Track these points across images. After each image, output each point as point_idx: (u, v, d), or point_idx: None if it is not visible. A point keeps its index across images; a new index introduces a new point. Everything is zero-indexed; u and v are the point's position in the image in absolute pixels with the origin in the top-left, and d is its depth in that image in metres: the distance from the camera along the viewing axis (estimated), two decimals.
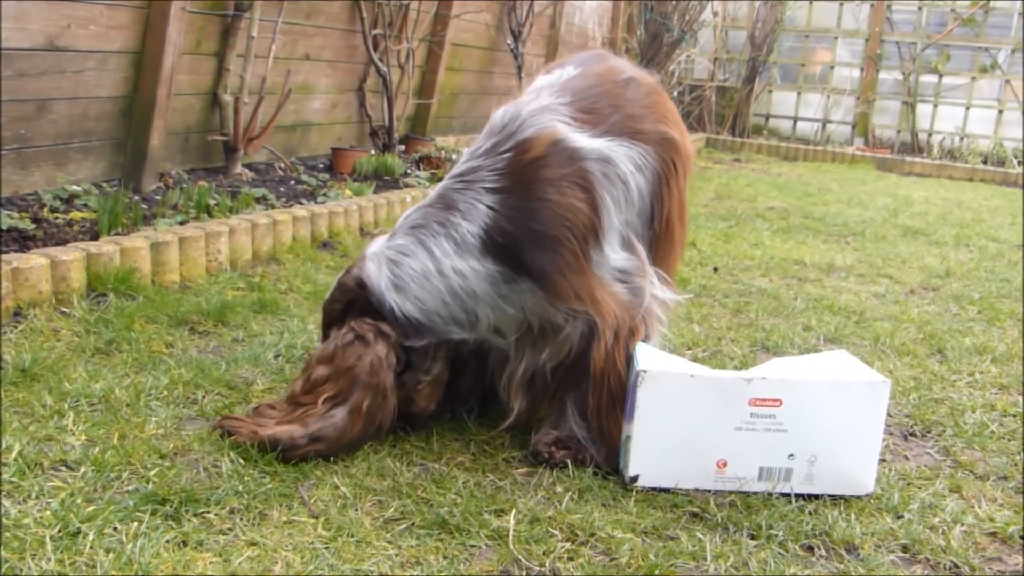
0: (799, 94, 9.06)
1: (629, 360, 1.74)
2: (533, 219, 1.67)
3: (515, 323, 1.76)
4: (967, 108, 8.46)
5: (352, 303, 1.74)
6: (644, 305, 1.76)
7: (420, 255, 1.70)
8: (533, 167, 1.68)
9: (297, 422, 1.67)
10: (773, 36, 8.57)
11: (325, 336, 1.80)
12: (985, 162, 8.14)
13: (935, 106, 8.58)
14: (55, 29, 3.04)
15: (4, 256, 2.35)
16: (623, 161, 1.75)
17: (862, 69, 8.80)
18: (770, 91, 9.10)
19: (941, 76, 8.50)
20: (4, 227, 2.69)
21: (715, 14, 8.85)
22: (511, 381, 1.83)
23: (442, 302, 1.70)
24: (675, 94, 8.37)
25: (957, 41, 8.43)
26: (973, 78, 8.39)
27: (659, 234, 1.86)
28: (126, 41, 3.34)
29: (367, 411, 1.68)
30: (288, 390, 1.79)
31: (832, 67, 8.92)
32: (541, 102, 1.76)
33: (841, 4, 8.81)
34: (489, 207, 1.68)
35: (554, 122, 1.72)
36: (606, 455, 1.76)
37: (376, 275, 1.72)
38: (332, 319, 1.78)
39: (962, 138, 8.47)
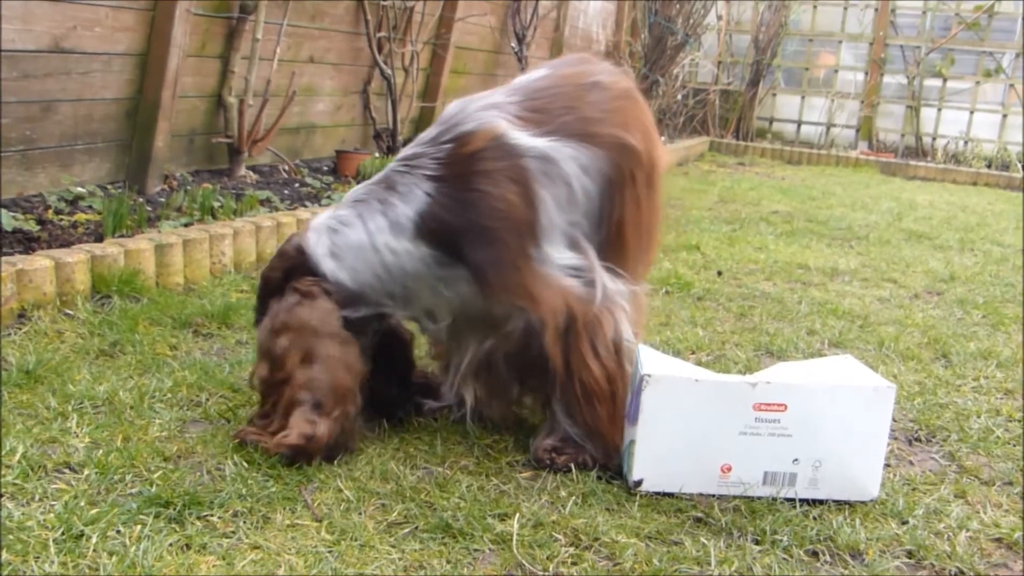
0: (803, 98, 9.05)
1: (600, 352, 1.75)
2: (467, 210, 1.70)
3: (450, 307, 1.79)
4: (971, 112, 8.44)
5: (292, 269, 1.76)
6: (601, 297, 1.76)
7: (357, 228, 1.73)
8: (470, 160, 1.71)
9: (295, 415, 1.67)
10: (777, 40, 8.56)
11: (262, 305, 1.80)
12: (989, 166, 8.12)
13: (939, 110, 8.57)
14: (61, 31, 3.04)
15: (9, 258, 2.36)
16: (566, 162, 1.75)
17: (866, 73, 8.79)
18: (774, 95, 9.10)
19: (945, 80, 8.49)
20: (9, 228, 2.69)
21: (719, 17, 8.84)
22: (458, 371, 1.85)
23: (375, 275, 1.73)
24: (679, 97, 8.37)
25: (961, 45, 8.42)
26: (977, 82, 8.38)
27: (610, 239, 1.83)
28: (131, 43, 3.34)
29: (341, 358, 1.70)
30: (257, 380, 1.76)
31: (836, 71, 8.92)
32: (491, 99, 1.79)
33: (845, 8, 8.80)
34: (426, 193, 1.71)
35: (497, 118, 1.73)
36: (603, 451, 1.77)
37: (315, 242, 1.75)
38: (271, 287, 1.78)
39: (966, 142, 8.46)
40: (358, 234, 1.73)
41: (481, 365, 1.83)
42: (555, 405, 1.79)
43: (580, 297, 1.74)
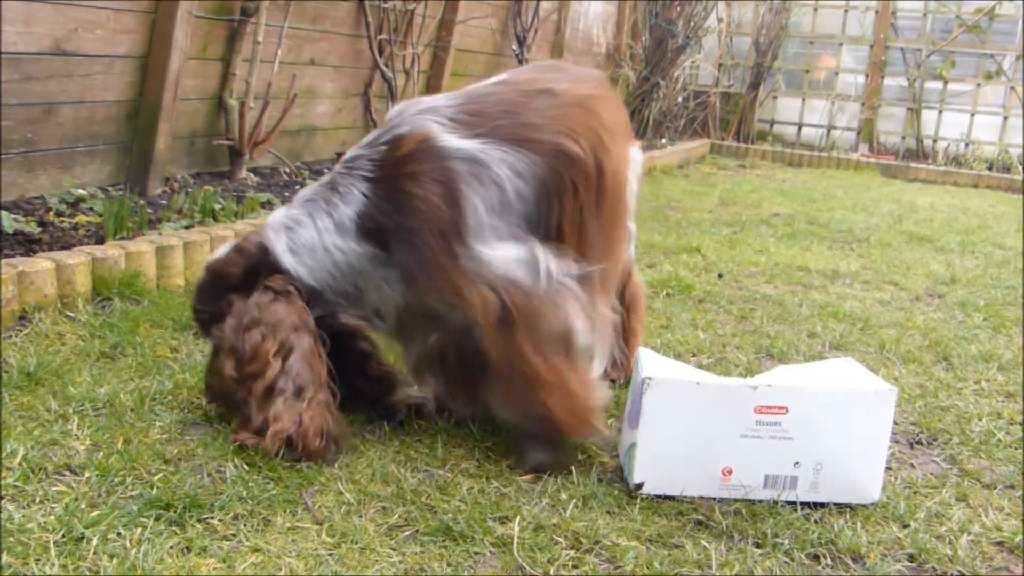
0: (804, 100, 9.05)
1: (543, 345, 1.74)
2: (395, 211, 1.75)
3: (395, 305, 1.82)
4: (972, 115, 8.44)
5: (254, 268, 1.79)
6: (544, 286, 1.75)
7: (309, 227, 1.79)
8: (400, 162, 1.76)
9: (278, 404, 1.69)
10: (778, 42, 8.56)
11: (212, 299, 1.82)
12: (990, 168, 8.12)
13: (940, 112, 8.56)
14: (62, 33, 3.04)
15: (10, 260, 2.36)
16: (497, 164, 1.75)
17: (867, 75, 8.79)
18: (775, 97, 9.10)
19: (946, 82, 8.48)
20: (10, 230, 2.69)
21: (720, 20, 8.84)
22: (413, 368, 1.89)
23: (329, 273, 1.78)
24: (680, 100, 8.37)
25: (962, 48, 8.42)
26: (978, 84, 8.38)
27: (548, 244, 1.82)
28: (132, 45, 3.34)
29: (316, 350, 1.75)
30: (220, 380, 1.78)
31: (837, 73, 8.92)
32: (431, 103, 1.83)
33: (846, 10, 8.80)
34: (363, 194, 1.77)
35: (428, 122, 1.77)
36: (554, 446, 1.78)
37: (275, 240, 1.80)
38: (230, 283, 1.80)
39: (967, 144, 8.46)
40: (310, 233, 1.79)
41: (433, 360, 1.85)
42: (490, 398, 1.81)
43: (518, 289, 1.73)
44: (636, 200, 2.11)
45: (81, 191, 3.24)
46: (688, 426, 1.67)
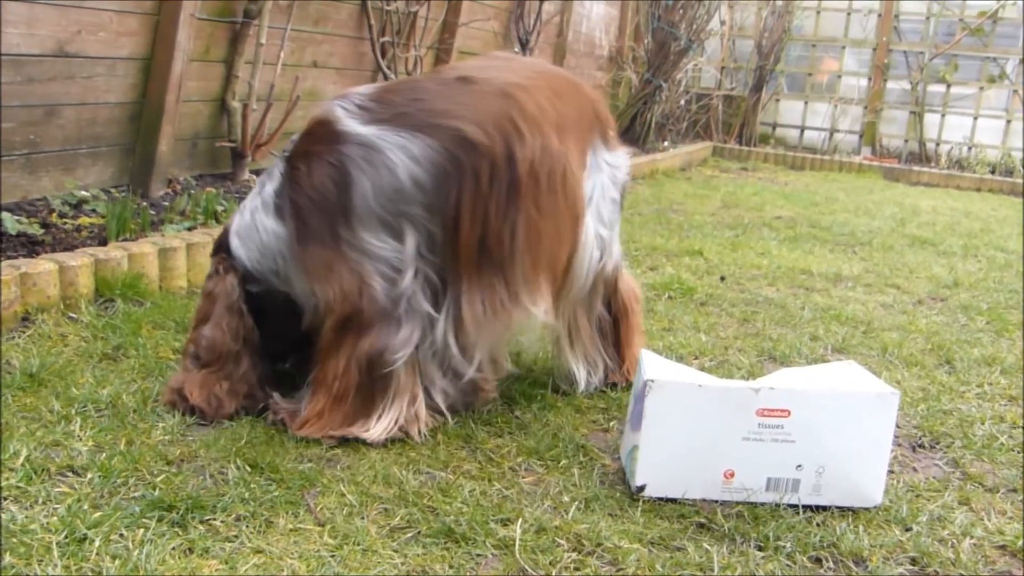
0: (806, 103, 9.05)
1: (352, 358, 1.78)
2: (291, 189, 1.83)
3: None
4: (975, 118, 8.44)
5: (217, 245, 1.97)
6: (384, 300, 1.78)
7: (247, 208, 1.92)
8: (303, 143, 1.85)
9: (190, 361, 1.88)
10: (780, 45, 8.56)
11: None
12: (993, 172, 8.11)
13: (943, 116, 8.56)
14: (65, 35, 3.05)
15: (13, 261, 2.36)
16: (392, 150, 1.77)
17: (869, 78, 8.79)
18: (777, 100, 9.10)
19: (949, 86, 8.48)
20: (13, 232, 2.70)
21: (722, 23, 8.85)
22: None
23: (259, 252, 1.89)
24: (682, 102, 8.37)
25: (965, 51, 8.42)
26: (981, 88, 8.37)
27: (446, 234, 1.80)
28: (135, 47, 3.35)
29: (228, 325, 1.87)
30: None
31: (839, 76, 8.91)
32: (350, 91, 1.90)
33: (849, 13, 8.80)
34: (281, 173, 1.87)
35: (336, 107, 1.84)
36: (300, 427, 1.82)
37: (231, 222, 1.94)
38: (212, 254, 1.99)
39: (970, 148, 8.45)
40: (247, 215, 1.91)
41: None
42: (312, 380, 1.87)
43: (370, 295, 1.78)
44: (616, 205, 2.08)
45: (84, 193, 3.24)
46: (690, 429, 1.67)
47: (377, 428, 1.81)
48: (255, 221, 1.87)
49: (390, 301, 1.79)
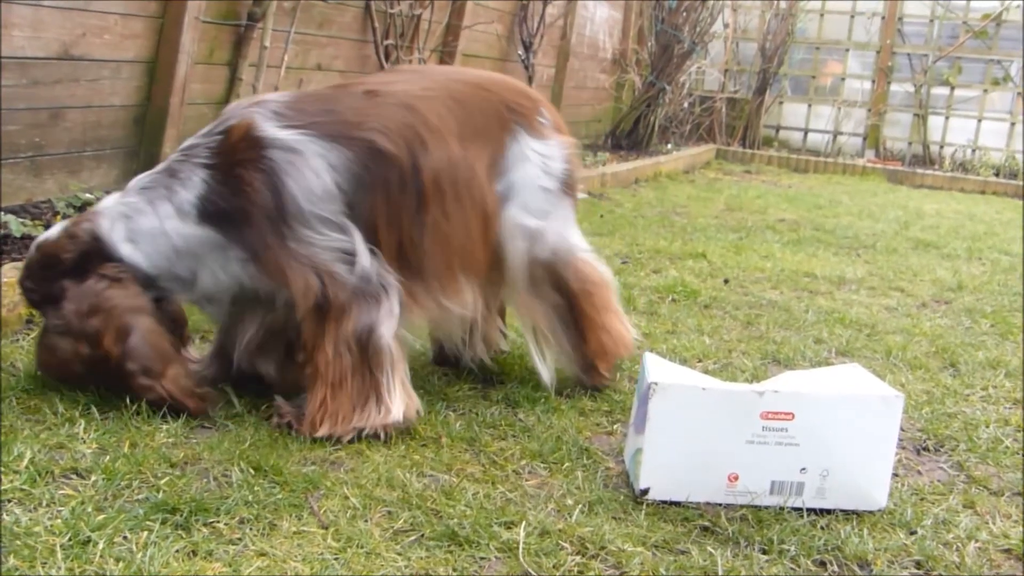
0: (810, 106, 9.05)
1: (339, 341, 1.81)
2: (232, 195, 1.84)
3: (228, 289, 1.90)
4: (979, 120, 8.43)
5: (86, 255, 1.85)
6: (356, 283, 1.83)
7: (149, 213, 1.86)
8: (231, 149, 1.85)
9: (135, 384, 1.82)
10: (784, 48, 8.56)
11: (45, 282, 1.88)
12: (997, 175, 8.10)
13: (947, 118, 8.55)
14: (70, 38, 3.06)
15: (17, 263, 2.36)
16: (313, 156, 1.84)
17: (873, 81, 8.78)
18: (781, 103, 9.10)
19: (953, 88, 8.48)
20: (18, 235, 2.70)
21: (726, 26, 8.85)
22: (241, 347, 1.97)
23: (167, 259, 1.87)
24: (685, 105, 8.37)
25: (969, 54, 8.41)
26: (985, 90, 8.37)
27: (369, 235, 1.89)
28: (140, 50, 3.36)
29: (155, 329, 1.85)
30: (57, 354, 1.86)
31: (843, 79, 8.91)
32: (261, 98, 1.94)
33: (852, 16, 8.80)
34: (203, 180, 1.86)
35: (252, 113, 1.87)
36: (307, 427, 1.83)
37: (109, 229, 1.86)
38: (61, 267, 1.86)
39: (974, 150, 8.45)
40: (150, 220, 1.86)
41: (264, 341, 1.96)
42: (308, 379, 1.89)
43: (336, 280, 1.82)
44: (550, 194, 2.06)
45: (88, 195, 3.24)
46: (694, 432, 1.67)
47: (397, 406, 1.86)
48: (164, 227, 1.85)
49: (359, 280, 1.84)
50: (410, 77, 2.10)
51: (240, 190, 1.83)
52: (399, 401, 1.87)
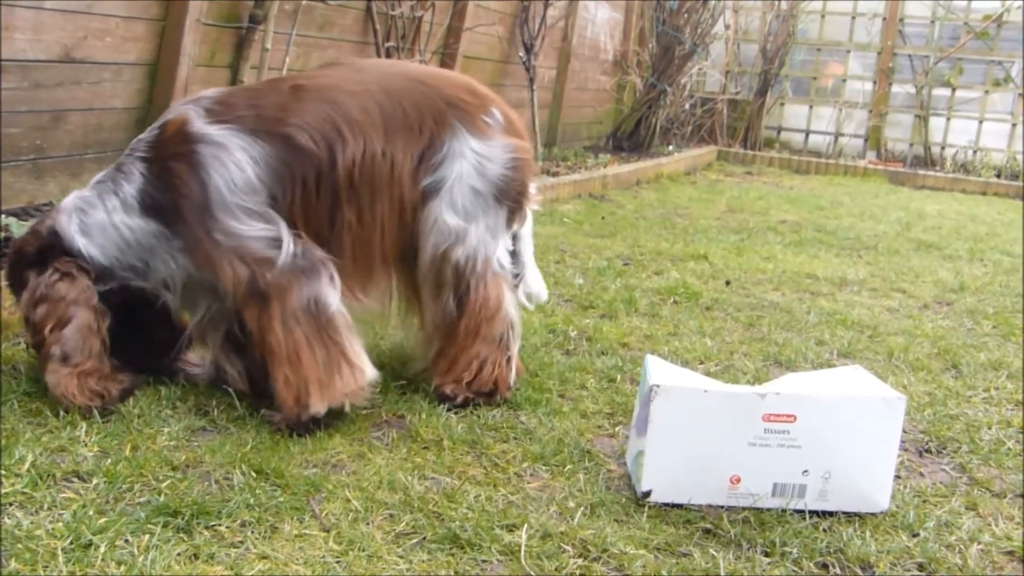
0: (811, 107, 9.05)
1: (287, 317, 1.84)
2: (166, 188, 1.90)
3: (180, 278, 1.95)
4: (980, 121, 8.42)
5: (46, 248, 1.93)
6: (289, 262, 1.87)
7: (99, 207, 1.93)
8: (165, 144, 1.92)
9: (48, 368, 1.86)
10: (785, 49, 8.56)
11: (15, 275, 1.97)
12: (999, 176, 8.10)
13: (948, 119, 8.55)
14: (72, 41, 3.06)
15: None
16: (236, 150, 1.89)
17: (874, 82, 8.78)
18: (782, 104, 9.09)
19: (954, 89, 8.47)
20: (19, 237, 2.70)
21: (727, 27, 8.85)
22: (196, 335, 2.02)
23: (119, 250, 1.92)
24: (687, 107, 8.37)
25: (970, 55, 8.41)
26: (986, 91, 8.36)
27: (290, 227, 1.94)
28: (141, 53, 3.36)
29: (94, 324, 1.89)
30: (28, 344, 1.98)
31: (844, 80, 8.91)
32: (198, 95, 1.99)
33: (853, 17, 8.80)
34: (141, 173, 1.92)
35: (187, 109, 1.93)
36: (284, 415, 1.85)
37: (67, 223, 1.93)
38: (26, 261, 1.94)
39: (975, 152, 8.44)
40: (100, 214, 1.92)
41: (209, 328, 2.00)
42: (252, 368, 1.94)
43: (268, 264, 1.85)
44: (479, 196, 2.02)
45: None
46: (696, 434, 1.67)
47: (368, 366, 1.91)
48: (112, 220, 1.91)
49: (291, 258, 1.87)
50: (345, 72, 2.10)
51: (171, 183, 1.89)
52: (367, 361, 1.91)
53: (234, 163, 1.88)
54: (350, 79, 2.04)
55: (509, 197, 2.08)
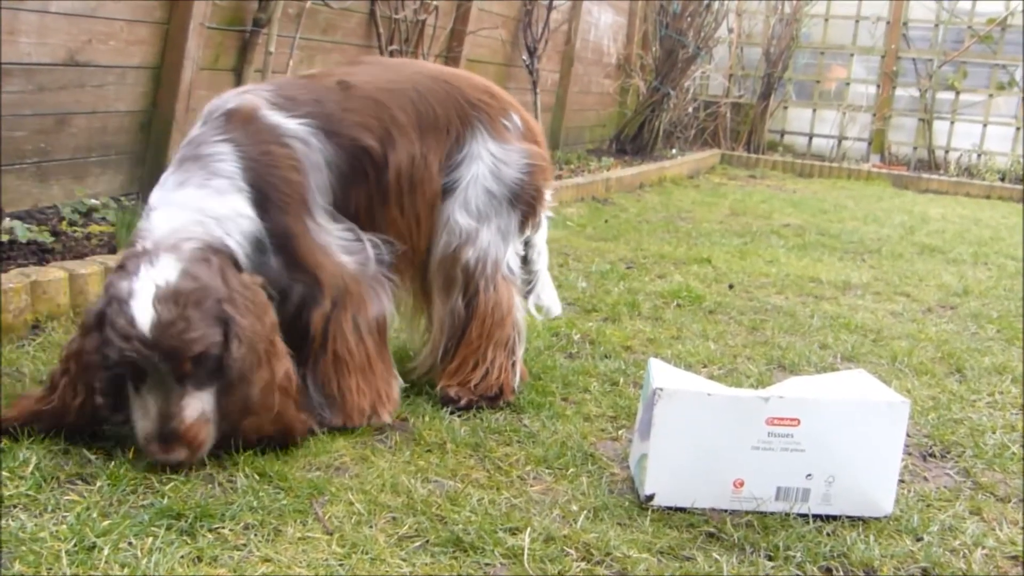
0: (814, 111, 9.04)
1: (361, 327, 1.87)
2: (268, 171, 1.81)
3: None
4: (984, 125, 8.42)
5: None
6: (371, 272, 1.90)
7: (211, 198, 1.81)
8: (248, 127, 1.82)
9: None
10: (788, 53, 8.56)
11: None
12: (1003, 179, 8.09)
13: (952, 123, 8.54)
14: (76, 44, 3.07)
15: (23, 269, 2.37)
16: (315, 152, 1.88)
17: (878, 86, 8.78)
18: (785, 107, 9.09)
19: (958, 93, 8.46)
20: (24, 240, 2.71)
21: (730, 31, 8.85)
22: None
23: (248, 243, 1.85)
24: (690, 110, 8.37)
25: (974, 58, 8.40)
26: (990, 95, 8.35)
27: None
28: (145, 56, 3.37)
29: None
30: None
31: (848, 84, 8.91)
32: (245, 88, 1.95)
33: (857, 21, 8.80)
34: (234, 163, 1.80)
35: (251, 98, 1.87)
36: (343, 415, 1.88)
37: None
38: None
39: (979, 155, 8.43)
40: (218, 203, 1.82)
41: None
42: (307, 374, 1.88)
43: (352, 272, 1.87)
44: (493, 197, 2.05)
45: (94, 201, 3.25)
46: (699, 438, 1.66)
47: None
48: (235, 210, 1.78)
49: (373, 266, 1.91)
50: (375, 70, 2.11)
51: (270, 174, 1.85)
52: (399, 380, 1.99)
53: (314, 164, 1.87)
54: (382, 77, 2.04)
55: (523, 202, 2.10)
